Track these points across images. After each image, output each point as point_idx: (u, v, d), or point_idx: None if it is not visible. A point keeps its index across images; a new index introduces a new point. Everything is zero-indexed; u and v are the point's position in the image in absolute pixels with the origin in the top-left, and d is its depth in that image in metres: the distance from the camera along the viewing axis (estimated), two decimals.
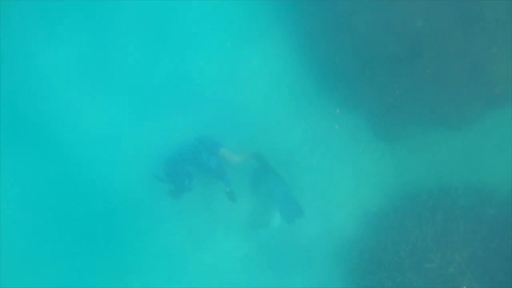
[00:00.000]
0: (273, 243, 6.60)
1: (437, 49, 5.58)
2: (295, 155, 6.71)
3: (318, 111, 6.76)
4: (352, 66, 6.13)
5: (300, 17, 6.74)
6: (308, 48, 6.76)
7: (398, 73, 5.92)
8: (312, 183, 6.60)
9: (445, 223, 5.47)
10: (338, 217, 6.50)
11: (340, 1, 5.96)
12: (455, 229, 5.37)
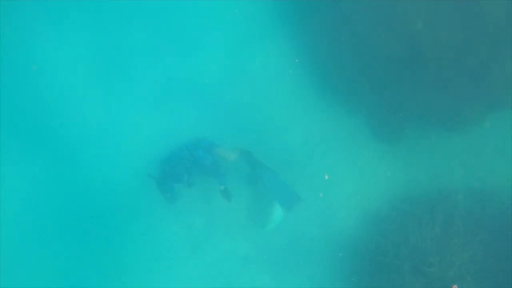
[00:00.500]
0: (273, 244, 6.57)
1: (438, 51, 5.56)
2: (295, 156, 6.68)
3: (318, 112, 6.74)
4: (353, 67, 6.12)
5: (301, 18, 6.72)
6: (309, 49, 6.73)
7: (398, 75, 5.90)
8: (312, 185, 6.57)
9: (445, 226, 5.46)
10: (338, 219, 6.47)
11: (341, 3, 5.94)
12: (455, 232, 5.36)
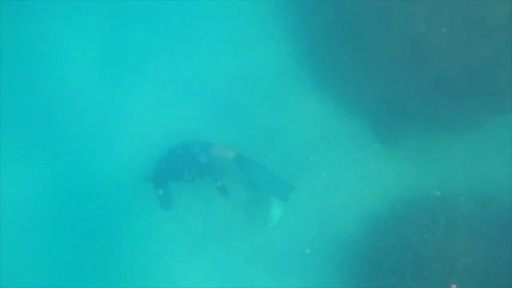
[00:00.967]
0: (273, 246, 6.53)
1: (440, 54, 5.52)
2: (295, 157, 6.64)
3: (319, 113, 6.70)
4: (355, 69, 6.08)
5: (303, 19, 6.69)
6: (311, 50, 6.70)
7: (400, 77, 5.86)
8: (312, 186, 6.53)
9: (447, 230, 5.39)
10: (338, 221, 6.41)
11: (343, 4, 5.91)
12: (457, 236, 5.30)
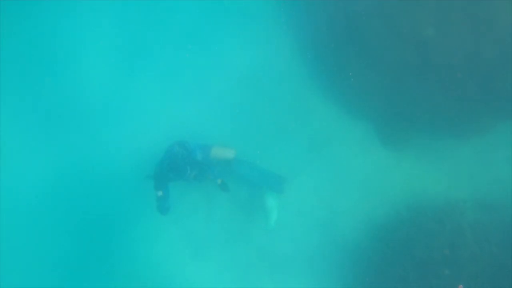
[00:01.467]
0: (275, 251, 6.47)
1: (448, 58, 5.46)
2: (299, 162, 6.58)
3: (324, 117, 6.65)
4: (361, 73, 6.04)
5: (309, 22, 6.66)
6: (316, 53, 6.66)
7: (407, 81, 5.81)
8: (316, 191, 6.47)
9: (453, 237, 5.33)
10: (342, 226, 6.35)
11: (349, 7, 5.87)
12: (463, 244, 5.23)
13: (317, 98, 6.71)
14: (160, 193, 5.62)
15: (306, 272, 6.34)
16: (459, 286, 5.01)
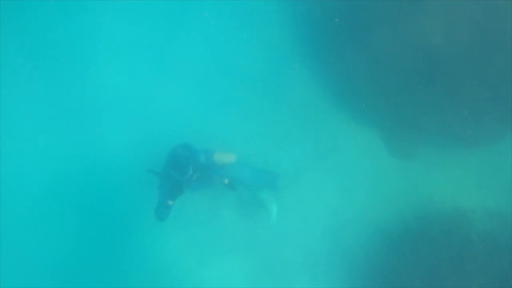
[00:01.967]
0: (282, 259, 6.43)
1: (455, 65, 5.42)
2: (305, 169, 6.54)
3: (330, 124, 6.61)
4: (367, 81, 6.01)
5: (317, 29, 6.62)
6: (323, 61, 6.62)
7: (415, 89, 5.78)
8: (322, 198, 6.43)
9: (461, 248, 5.27)
10: (348, 234, 6.30)
11: (356, 15, 5.84)
12: (472, 255, 5.16)
13: (324, 105, 6.66)
14: (171, 203, 5.56)
15: (312, 280, 6.29)
16: None
